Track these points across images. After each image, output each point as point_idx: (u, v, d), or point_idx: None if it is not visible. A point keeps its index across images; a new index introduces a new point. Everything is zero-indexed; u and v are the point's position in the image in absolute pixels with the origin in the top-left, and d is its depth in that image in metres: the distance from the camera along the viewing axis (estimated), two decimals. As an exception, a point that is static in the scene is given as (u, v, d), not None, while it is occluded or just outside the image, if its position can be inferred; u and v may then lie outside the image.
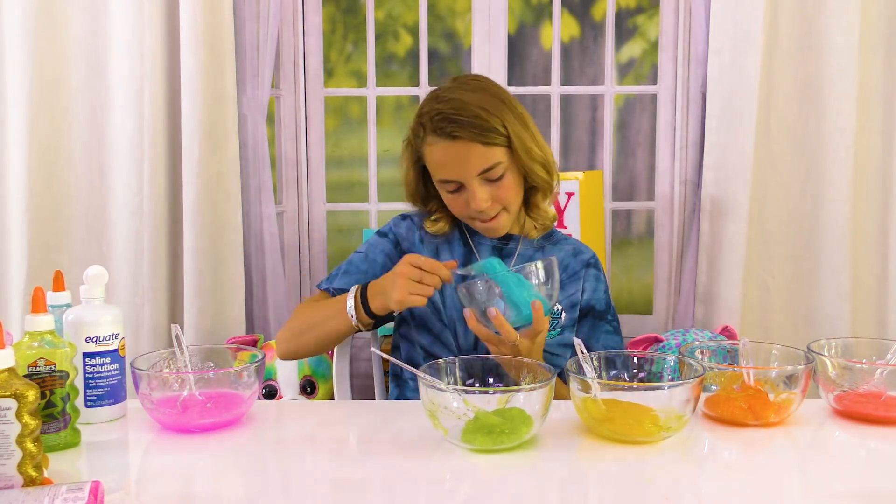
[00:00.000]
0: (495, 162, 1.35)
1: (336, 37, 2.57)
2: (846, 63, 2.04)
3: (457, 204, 1.40)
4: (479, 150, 1.34)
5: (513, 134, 1.35)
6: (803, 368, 1.14)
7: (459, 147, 1.34)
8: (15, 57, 2.03)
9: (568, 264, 1.49)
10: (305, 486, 0.97)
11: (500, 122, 1.35)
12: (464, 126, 1.33)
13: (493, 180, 1.36)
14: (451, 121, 1.33)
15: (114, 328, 1.15)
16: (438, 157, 1.36)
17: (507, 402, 1.04)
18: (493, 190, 1.37)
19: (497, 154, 1.35)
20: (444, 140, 1.34)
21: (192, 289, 2.08)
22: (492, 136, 1.34)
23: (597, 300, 1.49)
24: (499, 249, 1.48)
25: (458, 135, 1.33)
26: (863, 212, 2.11)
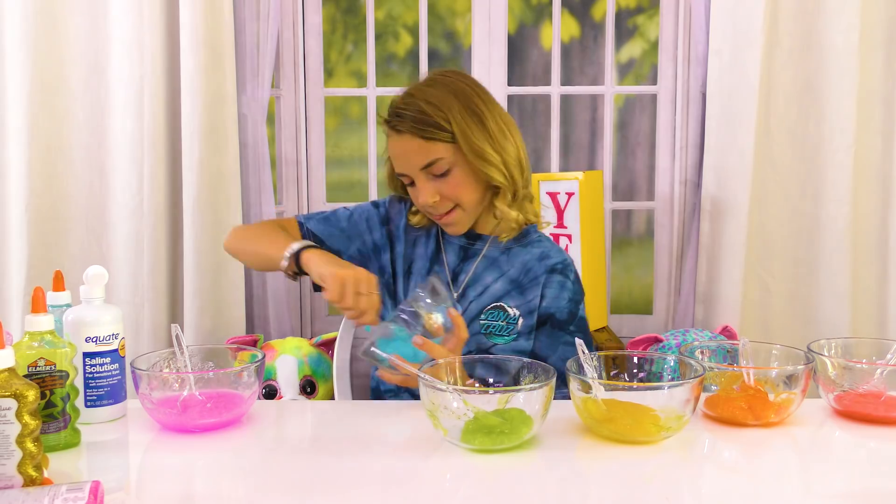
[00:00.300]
0: (436, 157, 1.34)
1: (336, 37, 2.57)
2: (846, 63, 2.03)
3: (413, 197, 1.42)
4: (419, 145, 1.34)
5: (458, 132, 1.34)
6: (803, 368, 1.14)
7: (402, 141, 1.36)
8: (15, 57, 2.03)
9: (530, 268, 1.44)
10: (305, 486, 0.97)
11: (444, 117, 1.34)
12: (405, 120, 1.35)
13: (437, 175, 1.36)
14: (396, 115, 1.37)
15: (114, 328, 1.15)
16: (390, 151, 1.41)
17: (506, 403, 1.04)
18: (440, 186, 1.36)
19: (439, 150, 1.34)
20: (392, 134, 1.38)
21: (192, 289, 2.08)
22: (432, 130, 1.34)
23: (557, 308, 1.41)
24: (465, 249, 1.47)
25: (400, 128, 1.36)
26: (863, 212, 2.11)
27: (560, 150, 2.34)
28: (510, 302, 1.42)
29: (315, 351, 2.05)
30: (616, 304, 2.41)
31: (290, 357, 2.00)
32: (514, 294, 1.43)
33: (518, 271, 1.44)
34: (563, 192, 2.12)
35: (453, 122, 1.34)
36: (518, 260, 1.45)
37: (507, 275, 1.44)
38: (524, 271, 1.44)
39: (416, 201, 1.41)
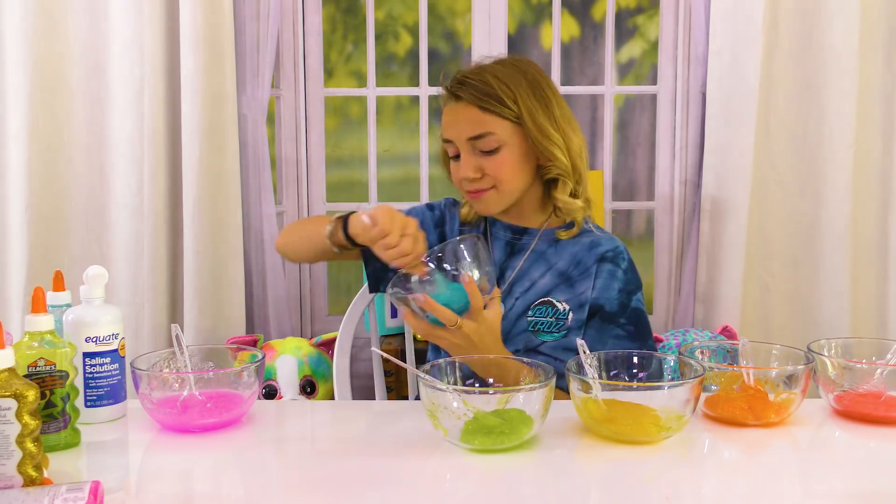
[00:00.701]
0: (487, 131, 1.33)
1: (336, 37, 2.57)
2: (846, 63, 2.04)
3: (453, 172, 1.39)
4: (475, 114, 1.33)
5: (523, 110, 1.33)
6: (803, 368, 1.14)
7: (459, 108, 1.35)
8: (15, 57, 2.03)
9: (580, 259, 1.39)
10: (305, 486, 0.97)
11: (510, 95, 1.33)
12: (466, 87, 1.34)
13: (485, 151, 1.34)
14: (460, 82, 1.35)
15: (114, 328, 1.15)
16: (444, 118, 1.38)
17: (506, 403, 1.04)
18: (484, 162, 1.34)
19: (494, 124, 1.33)
20: (450, 101, 1.37)
21: (192, 289, 2.08)
22: (493, 103, 1.32)
23: (606, 300, 1.36)
24: (511, 245, 1.44)
25: (461, 95, 1.34)
26: (863, 212, 2.11)
27: (560, 150, 2.34)
28: (559, 296, 1.37)
29: (315, 351, 2.05)
30: (616, 304, 2.41)
31: (290, 357, 2.00)
32: (562, 288, 1.37)
33: (567, 263, 1.39)
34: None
35: (520, 101, 1.33)
36: (567, 252, 1.40)
37: (555, 268, 1.39)
38: (574, 263, 1.39)
39: (456, 175, 1.38)
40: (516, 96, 1.33)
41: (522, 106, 1.33)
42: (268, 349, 2.04)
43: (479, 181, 1.35)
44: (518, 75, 1.35)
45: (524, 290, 1.39)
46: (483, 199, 1.37)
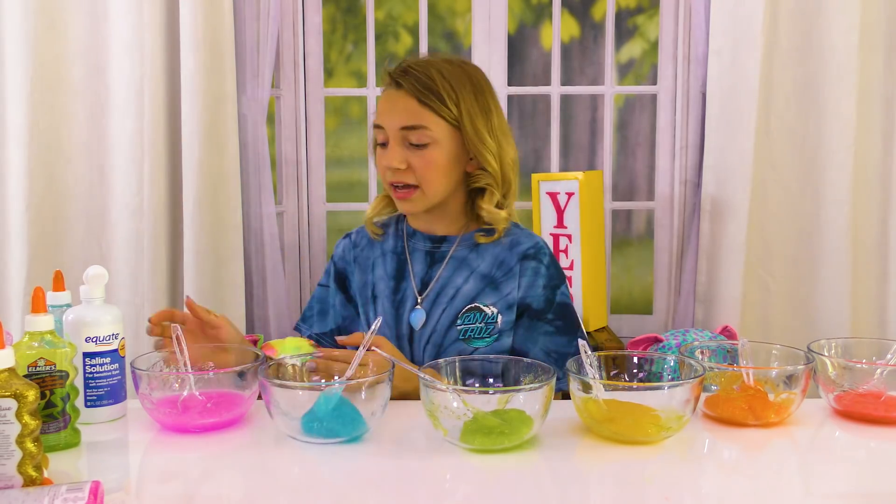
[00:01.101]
0: (422, 124, 1.31)
1: (336, 37, 2.57)
2: (846, 63, 2.04)
3: (379, 161, 1.37)
4: (412, 105, 1.31)
5: (464, 112, 1.31)
6: (803, 368, 1.14)
7: (397, 95, 1.33)
8: (15, 57, 2.03)
9: (503, 260, 1.37)
10: (305, 486, 0.97)
11: (452, 96, 1.31)
12: (409, 77, 1.32)
13: (415, 145, 1.31)
14: (403, 70, 1.34)
15: (114, 328, 1.15)
16: (380, 104, 1.36)
17: (506, 403, 1.04)
18: (412, 156, 1.32)
19: (429, 119, 1.31)
20: (390, 87, 1.35)
21: (192, 289, 2.08)
22: (433, 99, 1.31)
23: (533, 297, 1.34)
24: (431, 254, 1.41)
25: (401, 83, 1.32)
26: (863, 212, 2.11)
27: (560, 150, 2.35)
28: (485, 300, 1.35)
29: (315, 351, 2.05)
30: (616, 304, 2.41)
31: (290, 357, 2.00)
32: (488, 291, 1.36)
33: (489, 265, 1.37)
34: (563, 192, 2.12)
35: (461, 104, 1.32)
36: (488, 254, 1.38)
37: (477, 271, 1.37)
38: (496, 264, 1.37)
39: (381, 162, 1.36)
40: (458, 98, 1.32)
41: (463, 108, 1.32)
42: (268, 349, 2.04)
43: (402, 174, 1.33)
44: (464, 78, 1.34)
45: (450, 299, 1.37)
46: (410, 198, 1.35)
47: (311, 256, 2.34)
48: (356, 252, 1.49)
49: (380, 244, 1.47)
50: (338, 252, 1.51)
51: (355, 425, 1.06)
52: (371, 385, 1.06)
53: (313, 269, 2.35)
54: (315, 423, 1.05)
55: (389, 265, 1.44)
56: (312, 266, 2.35)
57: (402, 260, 1.44)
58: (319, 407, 1.05)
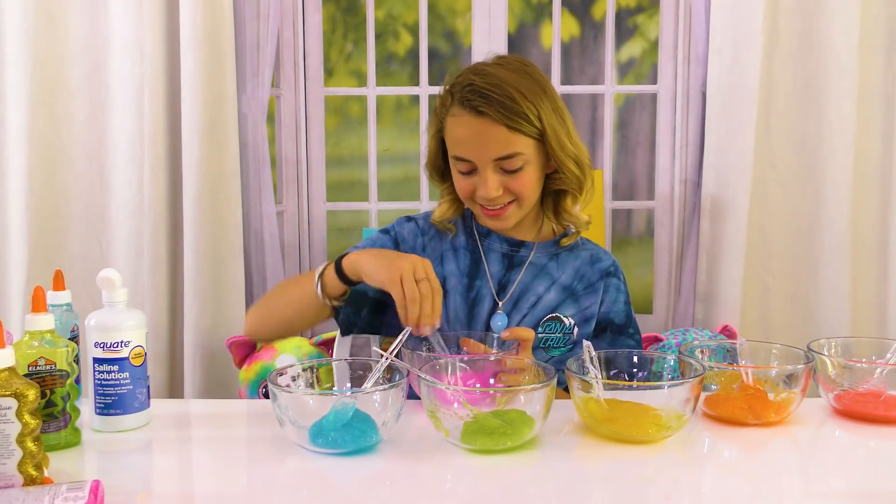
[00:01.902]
0: (516, 151, 1.26)
1: (336, 36, 2.57)
2: (846, 63, 2.04)
3: (464, 186, 1.31)
4: (502, 134, 1.25)
5: (547, 125, 1.27)
6: (803, 368, 1.14)
7: (482, 125, 1.25)
8: (15, 57, 2.03)
9: (584, 274, 1.39)
10: (306, 485, 0.97)
11: (534, 111, 1.26)
12: (492, 104, 1.24)
13: (508, 171, 1.27)
14: (480, 95, 1.24)
15: (125, 335, 1.11)
16: (458, 132, 1.28)
17: (506, 403, 1.04)
18: (507, 180, 1.28)
19: (521, 143, 1.26)
20: (468, 114, 1.26)
21: (192, 289, 2.08)
22: (520, 122, 1.25)
23: (616, 313, 1.38)
24: (509, 257, 1.39)
25: (484, 111, 1.24)
26: (863, 211, 2.11)
27: (560, 150, 2.34)
28: (565, 311, 1.36)
29: (315, 350, 2.05)
30: (616, 303, 2.41)
31: (290, 357, 2.00)
32: (568, 303, 1.37)
33: (570, 277, 1.38)
34: (563, 191, 2.11)
35: (543, 118, 1.26)
36: (569, 266, 1.39)
37: (558, 282, 1.37)
38: (577, 277, 1.38)
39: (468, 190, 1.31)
40: (539, 112, 1.26)
41: (545, 121, 1.27)
42: (268, 349, 2.04)
43: (501, 198, 1.31)
44: (537, 88, 1.28)
45: (531, 306, 1.36)
46: (505, 217, 1.33)
47: (311, 256, 2.34)
48: (424, 240, 1.42)
49: (449, 239, 1.42)
50: (402, 233, 1.43)
51: (366, 438, 1.02)
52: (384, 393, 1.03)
53: (313, 268, 2.34)
54: (321, 440, 1.02)
55: (462, 261, 1.40)
56: (312, 266, 2.35)
57: (475, 258, 1.40)
58: (329, 422, 1.02)
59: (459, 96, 1.27)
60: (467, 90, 1.26)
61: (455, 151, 1.30)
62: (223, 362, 2.12)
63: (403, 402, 1.05)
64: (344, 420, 1.01)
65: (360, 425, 1.02)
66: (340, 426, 1.01)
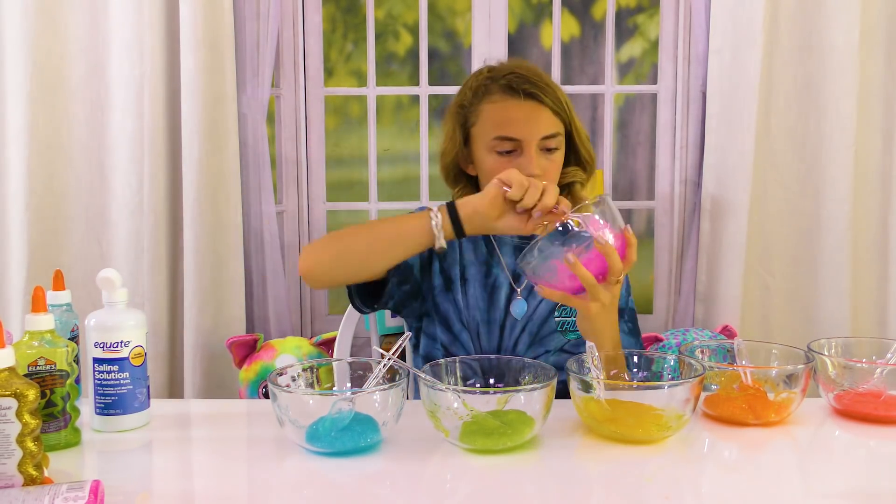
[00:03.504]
0: (557, 131, 1.37)
1: (336, 36, 2.57)
2: (846, 63, 2.03)
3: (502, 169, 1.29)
4: (548, 115, 1.36)
5: (572, 115, 1.40)
6: (803, 368, 1.14)
7: (531, 106, 1.35)
8: (15, 56, 2.03)
9: None
10: (306, 485, 0.97)
11: (565, 101, 1.39)
12: (539, 88, 1.36)
13: (549, 150, 1.36)
14: (527, 81, 1.36)
15: (125, 335, 1.11)
16: (504, 114, 1.36)
17: (506, 403, 1.04)
18: (546, 163, 1.36)
19: (558, 126, 1.37)
20: (514, 98, 1.36)
21: (192, 289, 2.08)
22: (562, 107, 1.38)
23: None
24: (520, 249, 1.44)
25: (533, 93, 1.35)
26: (863, 211, 2.11)
27: (560, 150, 2.34)
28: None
29: (315, 350, 2.05)
30: (616, 303, 2.41)
31: (290, 357, 2.00)
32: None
33: None
34: (564, 191, 2.11)
35: (569, 109, 1.40)
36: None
37: None
38: None
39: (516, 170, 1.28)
40: (568, 105, 1.39)
41: (572, 114, 1.40)
42: (268, 349, 2.04)
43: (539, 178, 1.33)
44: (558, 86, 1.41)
45: None
46: None
47: (312, 256, 2.34)
48: None
49: None
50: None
51: (366, 438, 1.02)
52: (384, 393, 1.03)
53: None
54: (319, 442, 1.02)
55: (479, 252, 1.45)
56: (312, 265, 2.34)
57: (490, 249, 1.45)
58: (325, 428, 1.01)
59: (504, 83, 1.37)
60: (513, 77, 1.37)
61: (500, 132, 1.35)
62: (223, 362, 2.12)
63: (403, 402, 1.05)
64: (341, 426, 1.01)
65: (358, 427, 1.02)
66: (340, 429, 1.01)
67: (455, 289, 1.42)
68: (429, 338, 1.44)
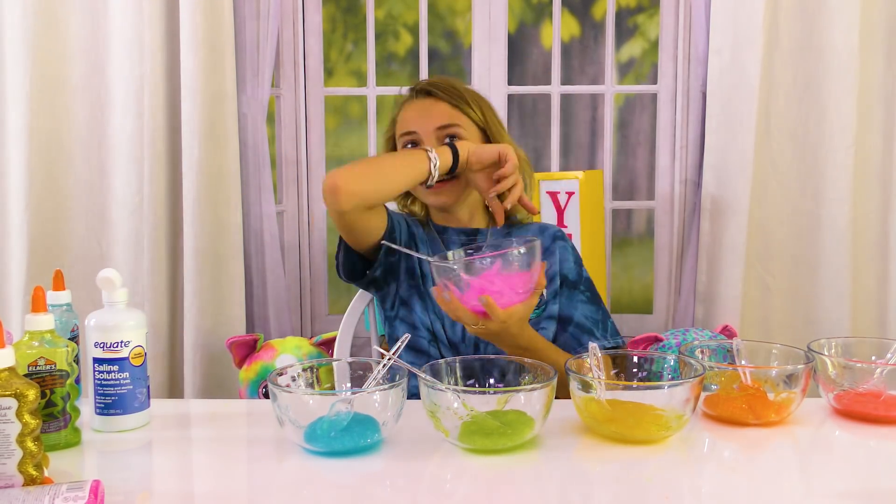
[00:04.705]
0: (456, 122, 1.44)
1: (336, 36, 2.57)
2: (846, 63, 2.04)
3: None
4: (445, 108, 1.46)
5: (487, 115, 1.48)
6: (803, 368, 1.14)
7: (428, 102, 1.47)
8: (15, 56, 2.03)
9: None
10: (306, 485, 0.97)
11: (476, 101, 1.48)
12: (440, 88, 1.48)
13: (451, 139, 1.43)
14: (431, 84, 1.49)
15: (125, 335, 1.11)
16: (407, 114, 1.48)
17: (505, 403, 1.04)
18: None
19: (461, 119, 1.46)
20: (417, 99, 1.49)
21: (192, 289, 2.08)
22: (462, 103, 1.46)
23: (568, 270, 1.50)
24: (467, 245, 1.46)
25: (432, 92, 1.48)
26: (863, 211, 2.11)
27: (560, 150, 2.35)
28: None
29: (315, 350, 2.05)
30: (616, 303, 2.41)
31: (290, 357, 2.00)
32: None
33: None
34: (563, 191, 2.12)
35: (483, 109, 1.48)
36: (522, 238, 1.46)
37: None
38: None
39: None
40: (480, 104, 1.49)
41: (486, 112, 1.49)
42: (268, 349, 2.04)
43: None
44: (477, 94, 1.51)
45: None
46: (443, 192, 1.45)
47: (311, 256, 2.34)
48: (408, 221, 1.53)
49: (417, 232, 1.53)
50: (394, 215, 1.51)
51: (365, 438, 1.02)
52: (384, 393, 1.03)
53: (313, 268, 2.35)
54: (318, 443, 1.02)
55: (437, 248, 1.51)
56: (312, 266, 2.35)
57: (437, 247, 1.51)
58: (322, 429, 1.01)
59: (412, 91, 1.52)
60: (421, 84, 1.52)
61: (402, 128, 1.48)
62: (223, 362, 2.13)
63: (403, 402, 1.05)
64: (340, 427, 1.01)
65: (358, 427, 1.02)
66: (339, 429, 1.01)
67: (427, 283, 1.48)
68: (408, 325, 1.47)
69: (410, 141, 1.47)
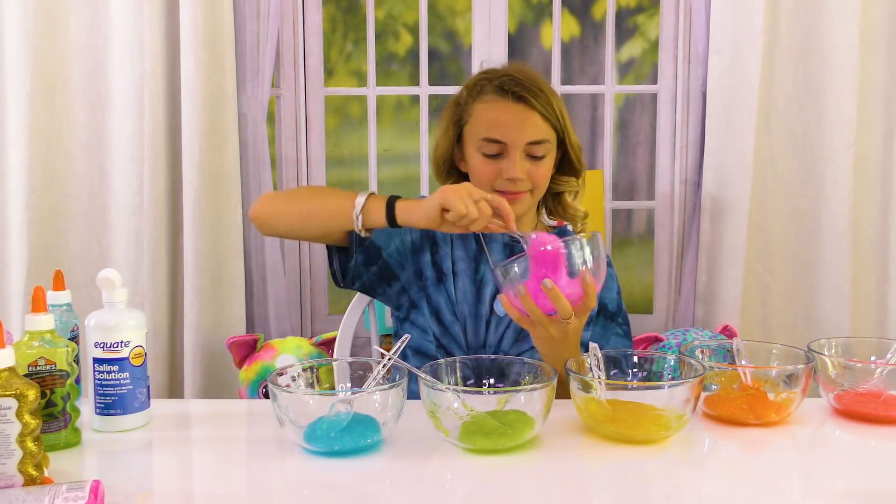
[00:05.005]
0: (545, 138, 1.36)
1: (336, 36, 2.56)
2: (846, 63, 2.04)
3: (487, 171, 1.37)
4: (537, 121, 1.36)
5: (567, 126, 1.39)
6: (803, 368, 1.14)
7: (520, 110, 1.35)
8: (15, 57, 2.03)
9: None
10: (305, 485, 0.97)
11: (558, 108, 1.38)
12: (532, 93, 1.35)
13: (534, 157, 1.36)
14: (521, 85, 1.36)
15: (125, 335, 1.11)
16: (493, 115, 1.37)
17: (505, 403, 1.04)
18: (531, 168, 1.37)
19: (549, 133, 1.37)
20: (505, 99, 1.36)
21: (192, 289, 2.08)
22: (553, 114, 1.37)
23: (609, 300, 1.44)
24: (510, 247, 1.45)
25: (524, 97, 1.35)
26: (863, 212, 2.11)
27: (560, 150, 2.34)
28: None
29: (315, 350, 2.05)
30: (616, 303, 2.41)
31: (291, 357, 2.00)
32: None
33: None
34: (564, 191, 2.11)
35: (563, 118, 1.39)
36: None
37: None
38: None
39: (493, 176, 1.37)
40: (563, 113, 1.39)
41: (566, 123, 1.39)
42: (268, 349, 2.04)
43: (521, 184, 1.37)
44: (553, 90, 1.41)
45: None
46: (519, 202, 1.38)
47: (311, 256, 2.34)
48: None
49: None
50: None
51: (365, 438, 1.02)
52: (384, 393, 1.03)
53: (313, 268, 2.35)
54: (317, 443, 1.02)
55: (469, 247, 1.46)
56: (312, 265, 2.35)
57: (479, 245, 1.46)
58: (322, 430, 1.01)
59: (497, 84, 1.37)
60: (506, 79, 1.37)
61: (487, 133, 1.36)
62: (223, 362, 2.13)
63: (403, 403, 1.05)
64: (340, 427, 1.01)
65: (358, 427, 1.02)
66: (340, 429, 1.01)
67: (447, 281, 1.44)
68: (419, 329, 1.45)
69: (497, 152, 1.36)
